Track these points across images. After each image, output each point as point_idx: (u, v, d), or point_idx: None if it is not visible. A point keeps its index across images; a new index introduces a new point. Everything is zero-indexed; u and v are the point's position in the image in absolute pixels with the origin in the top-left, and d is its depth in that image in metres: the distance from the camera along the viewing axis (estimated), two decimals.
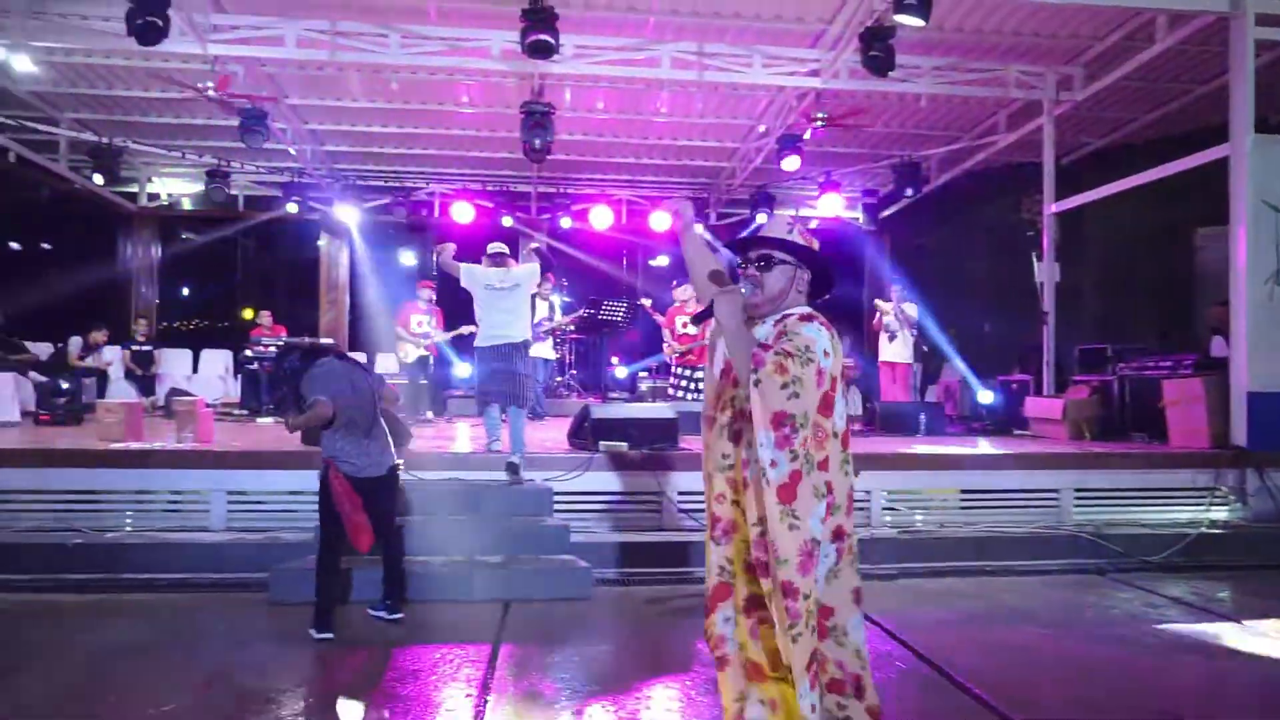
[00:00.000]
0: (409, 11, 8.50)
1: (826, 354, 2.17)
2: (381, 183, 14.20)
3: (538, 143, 9.25)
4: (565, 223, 14.07)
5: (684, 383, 9.08)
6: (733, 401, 2.29)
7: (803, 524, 2.13)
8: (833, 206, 13.25)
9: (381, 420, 4.64)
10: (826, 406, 2.19)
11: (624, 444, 6.34)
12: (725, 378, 2.35)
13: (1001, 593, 5.59)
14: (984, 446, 7.84)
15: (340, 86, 10.54)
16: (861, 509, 6.50)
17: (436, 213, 14.31)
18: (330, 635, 4.33)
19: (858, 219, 14.81)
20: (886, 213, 14.35)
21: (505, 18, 8.00)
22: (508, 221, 13.55)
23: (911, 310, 10.44)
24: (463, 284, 6.46)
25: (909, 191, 12.17)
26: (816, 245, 2.43)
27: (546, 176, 13.81)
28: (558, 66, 8.67)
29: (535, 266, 6.67)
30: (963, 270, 13.55)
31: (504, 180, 14.23)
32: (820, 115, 9.91)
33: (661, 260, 14.95)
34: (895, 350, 10.54)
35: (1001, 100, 10.31)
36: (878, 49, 7.76)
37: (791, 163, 10.70)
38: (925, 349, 10.77)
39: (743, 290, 2.32)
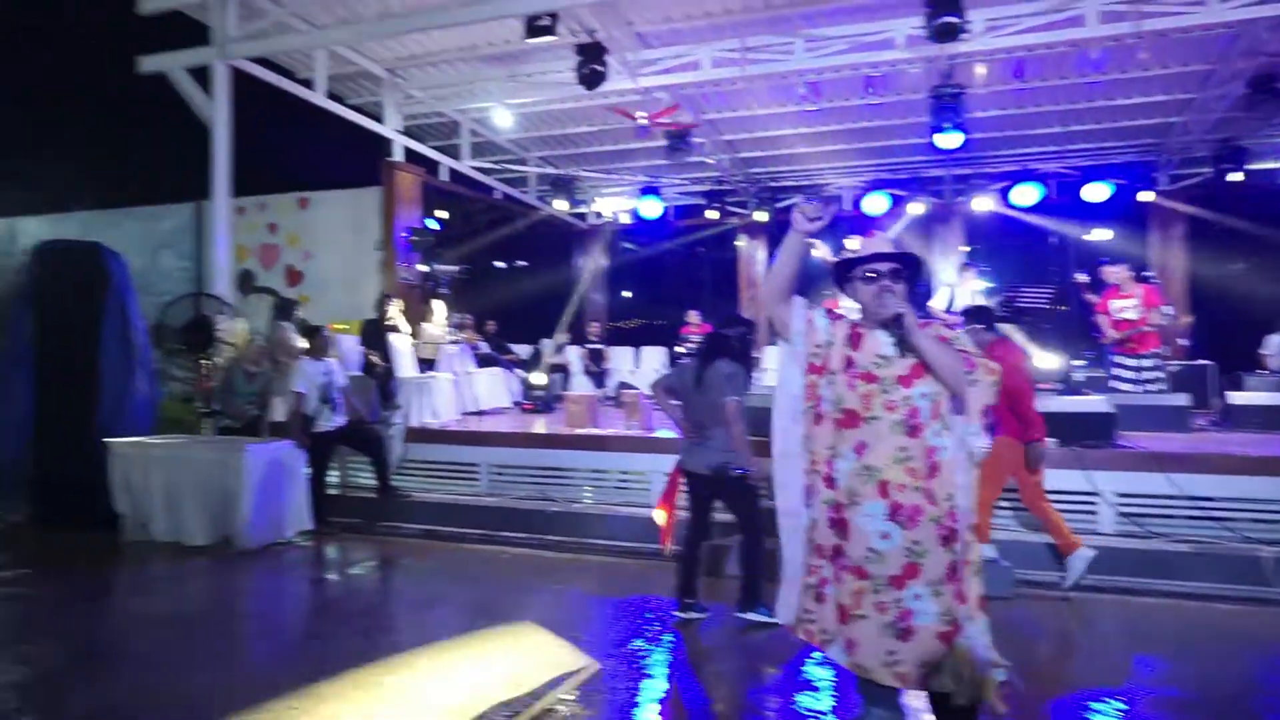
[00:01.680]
0: (812, 16, 8.77)
1: None
2: (792, 182, 14.75)
3: (948, 126, 8.96)
4: (984, 204, 13.35)
5: (1126, 373, 8.13)
6: (905, 401, 2.60)
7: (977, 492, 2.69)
8: None
9: (722, 424, 4.62)
10: None
11: (1050, 439, 5.94)
12: (889, 380, 2.64)
13: None
14: None
15: (751, 96, 11.20)
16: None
17: (847, 206, 14.47)
18: (690, 615, 4.71)
19: None
20: None
21: (907, 5, 7.91)
22: (918, 208, 13.24)
23: None
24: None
25: None
26: None
27: (960, 157, 13.20)
28: (967, 44, 8.31)
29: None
30: None
31: (915, 166, 13.91)
32: None
33: (1102, 234, 13.40)
34: None
35: None
36: None
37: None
38: None
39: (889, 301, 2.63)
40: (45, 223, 14.02)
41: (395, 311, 9.05)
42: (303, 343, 7.53)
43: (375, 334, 8.64)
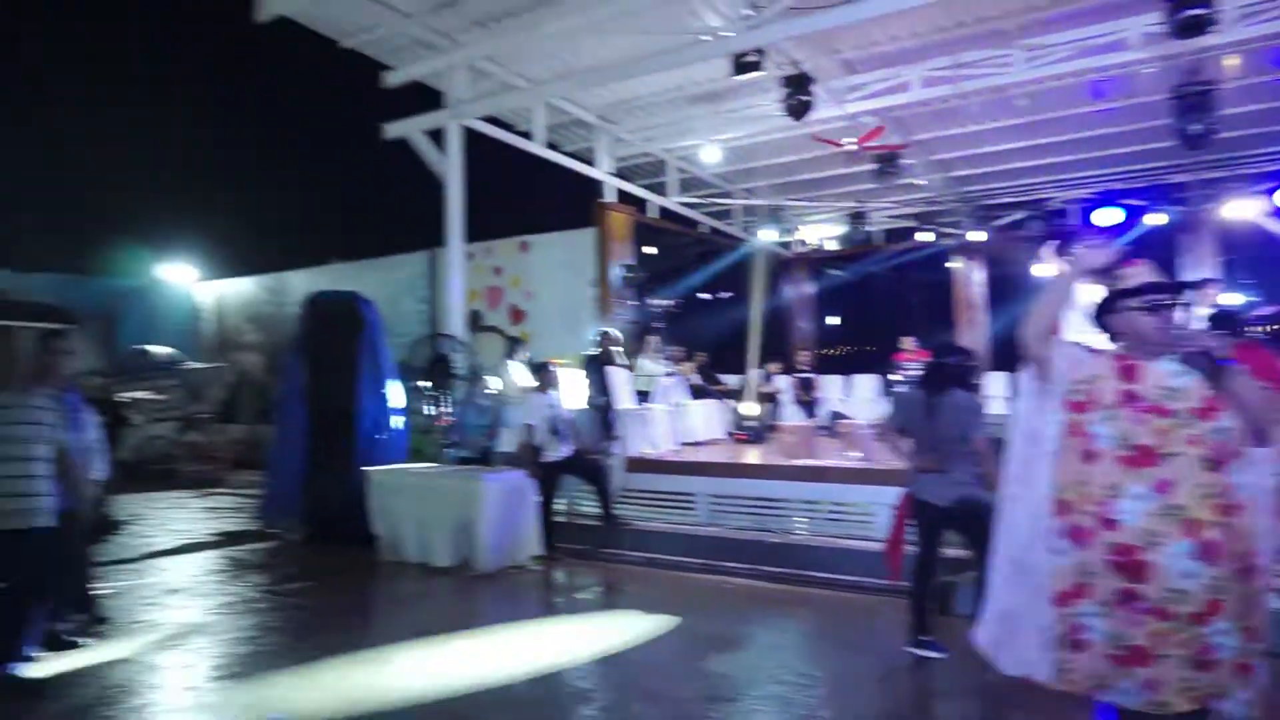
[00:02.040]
0: (1032, 25, 8.34)
1: None
2: (1011, 199, 13.97)
3: (1195, 127, 8.18)
4: (1240, 210, 11.96)
5: None
6: (1207, 435, 2.47)
7: None
8: None
9: (960, 456, 4.52)
10: None
11: None
12: (1184, 414, 2.49)
13: None
14: None
15: (963, 114, 10.75)
16: None
17: (1075, 220, 13.50)
18: (927, 653, 4.48)
19: None
20: None
21: (1142, 3, 7.35)
22: (1159, 219, 12.10)
23: None
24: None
25: None
26: None
27: (1207, 160, 11.97)
28: (1218, 36, 7.57)
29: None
30: None
31: (1153, 173, 12.75)
32: None
33: None
34: None
35: None
36: None
37: None
38: None
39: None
40: (306, 275, 15.92)
41: (613, 346, 9.45)
42: (531, 378, 8.03)
43: (595, 368, 9.04)
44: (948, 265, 15.20)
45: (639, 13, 8.01)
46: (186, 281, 17.61)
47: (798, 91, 8.36)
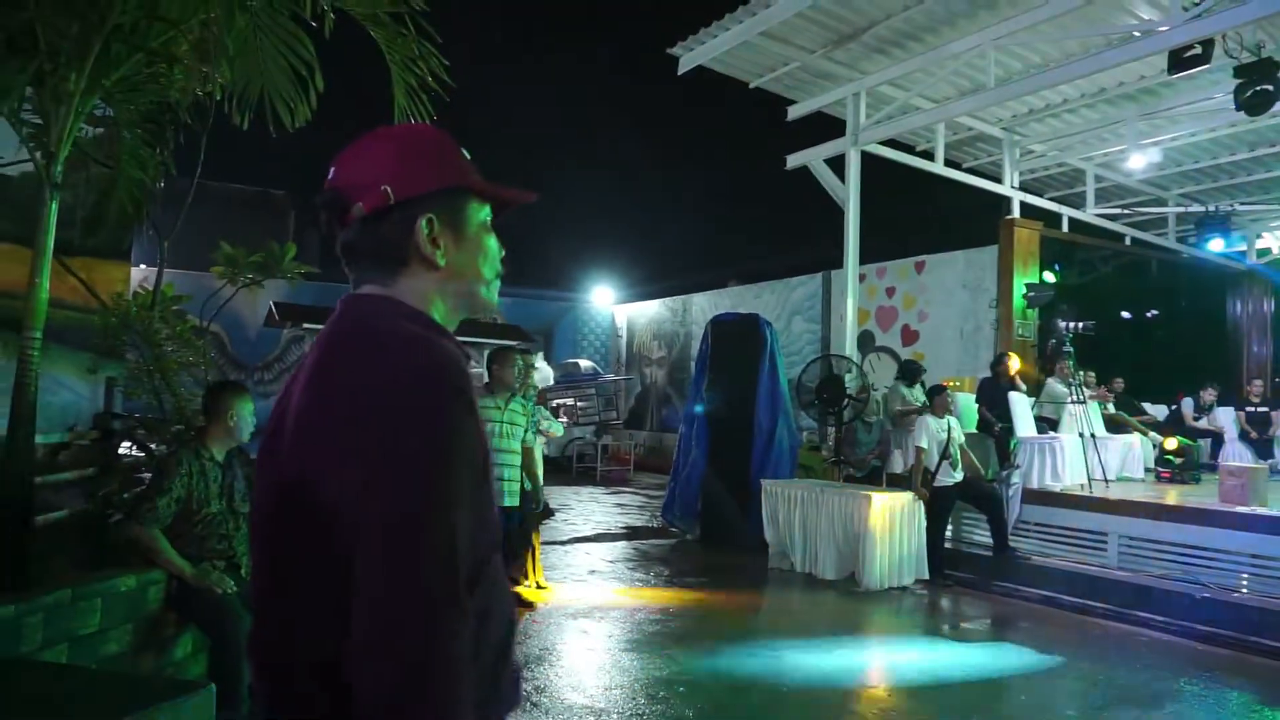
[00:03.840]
0: None
1: None
2: None
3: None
4: None
5: None
6: None
7: None
8: None
9: None
10: None
11: None
12: None
13: None
14: None
15: None
16: None
17: None
18: None
19: None
20: None
21: None
22: None
23: None
24: None
25: None
26: None
27: None
28: None
29: None
30: None
31: None
32: None
33: None
34: None
35: None
36: None
37: None
38: None
39: None
40: (707, 297, 17.20)
41: (1013, 369, 8.93)
42: (925, 400, 7.94)
43: (993, 392, 8.63)
44: None
45: (1053, 19, 7.56)
46: (606, 303, 19.95)
47: (1257, 81, 7.22)
